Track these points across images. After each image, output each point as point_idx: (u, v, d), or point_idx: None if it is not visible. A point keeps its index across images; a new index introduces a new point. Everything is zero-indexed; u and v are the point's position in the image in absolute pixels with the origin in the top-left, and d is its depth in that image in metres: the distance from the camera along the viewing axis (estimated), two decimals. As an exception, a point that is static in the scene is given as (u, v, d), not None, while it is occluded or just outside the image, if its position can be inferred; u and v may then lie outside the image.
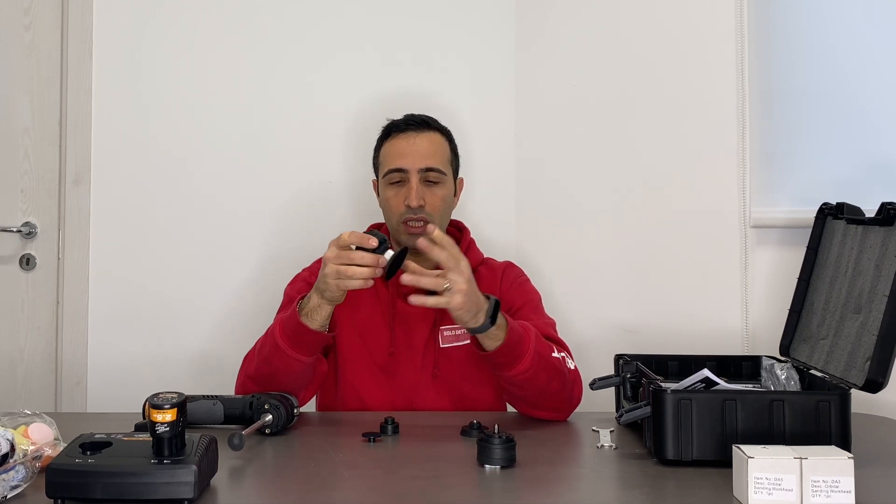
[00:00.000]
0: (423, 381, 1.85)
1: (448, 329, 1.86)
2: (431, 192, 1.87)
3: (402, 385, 1.85)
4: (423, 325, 1.87)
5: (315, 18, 2.49)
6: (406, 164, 1.87)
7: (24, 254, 2.45)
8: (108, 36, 2.44)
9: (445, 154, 1.92)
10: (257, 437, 1.54)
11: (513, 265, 1.99)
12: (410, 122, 1.93)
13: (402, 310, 1.87)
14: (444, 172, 1.89)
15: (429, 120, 1.95)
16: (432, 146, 1.90)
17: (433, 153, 1.89)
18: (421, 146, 1.89)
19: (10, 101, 2.45)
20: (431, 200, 1.86)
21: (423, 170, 1.86)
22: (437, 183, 1.88)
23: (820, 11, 2.18)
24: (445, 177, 1.89)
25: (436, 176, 1.88)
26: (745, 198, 2.20)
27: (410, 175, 1.86)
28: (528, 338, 1.64)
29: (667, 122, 2.31)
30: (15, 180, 2.45)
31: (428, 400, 1.84)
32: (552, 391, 1.68)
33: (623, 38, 2.38)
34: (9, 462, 1.21)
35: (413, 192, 1.84)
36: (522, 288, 1.93)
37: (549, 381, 1.67)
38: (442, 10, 2.51)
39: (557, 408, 1.72)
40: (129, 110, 2.45)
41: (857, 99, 2.14)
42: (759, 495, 1.17)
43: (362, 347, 1.86)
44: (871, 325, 1.53)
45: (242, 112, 2.47)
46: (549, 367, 1.66)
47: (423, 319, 1.86)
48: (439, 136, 1.93)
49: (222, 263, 2.43)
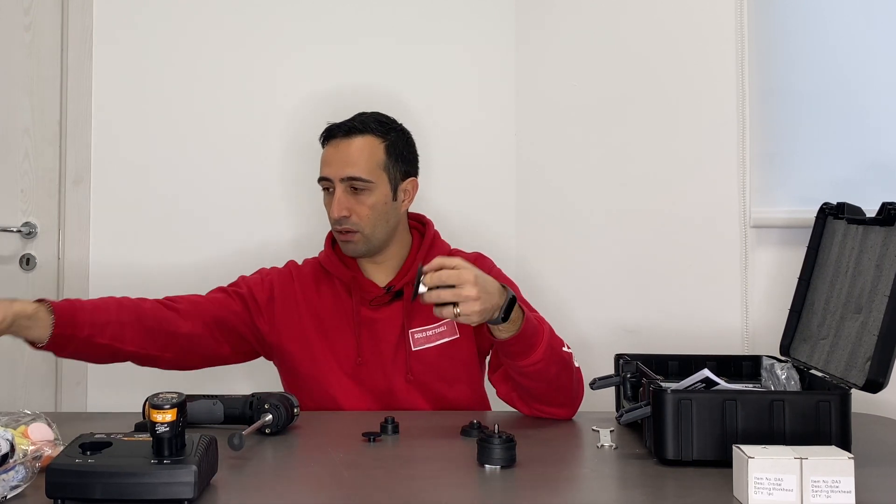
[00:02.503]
0: (397, 386, 1.82)
1: (419, 331, 1.83)
2: (358, 201, 1.80)
3: (375, 392, 1.83)
4: (391, 330, 1.83)
5: (314, 17, 2.49)
6: (329, 174, 1.82)
7: (24, 254, 2.45)
8: (108, 36, 2.44)
9: (375, 159, 1.82)
10: (257, 437, 1.54)
11: (483, 257, 1.93)
12: (338, 128, 1.85)
13: (367, 317, 1.84)
14: (370, 180, 1.80)
15: (358, 124, 1.85)
16: (357, 153, 1.81)
17: (356, 161, 1.81)
18: (343, 154, 1.81)
19: (10, 101, 2.45)
20: (358, 210, 1.80)
21: (346, 179, 1.80)
22: (363, 190, 1.81)
23: (820, 11, 2.18)
24: (372, 184, 1.80)
25: (361, 184, 1.80)
26: (745, 198, 2.20)
27: (334, 185, 1.81)
28: (542, 329, 1.63)
29: (667, 121, 2.31)
30: (15, 180, 2.45)
31: (404, 404, 1.81)
32: (561, 384, 1.67)
33: (623, 38, 2.38)
34: (9, 462, 1.21)
35: (335, 204, 1.80)
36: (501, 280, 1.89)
37: (559, 373, 1.65)
38: (442, 9, 2.51)
39: (564, 403, 1.71)
40: (129, 110, 2.45)
41: (857, 99, 2.14)
42: (759, 495, 1.17)
43: (330, 357, 1.84)
44: (872, 325, 1.53)
45: (243, 112, 2.47)
46: (560, 360, 1.65)
47: (391, 324, 1.84)
48: (372, 140, 1.83)
49: (222, 263, 2.42)
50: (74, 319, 1.67)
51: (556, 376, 1.66)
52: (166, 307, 1.79)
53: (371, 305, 1.85)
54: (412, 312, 1.84)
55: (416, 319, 1.84)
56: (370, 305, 1.85)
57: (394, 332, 1.83)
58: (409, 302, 1.84)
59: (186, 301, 1.82)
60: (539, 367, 1.62)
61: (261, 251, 2.43)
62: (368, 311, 1.85)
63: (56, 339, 1.65)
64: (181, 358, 1.81)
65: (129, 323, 1.73)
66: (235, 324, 1.84)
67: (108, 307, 1.74)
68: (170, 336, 1.77)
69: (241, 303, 1.85)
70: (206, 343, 1.81)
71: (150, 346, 1.76)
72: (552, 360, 1.63)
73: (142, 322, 1.75)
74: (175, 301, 1.82)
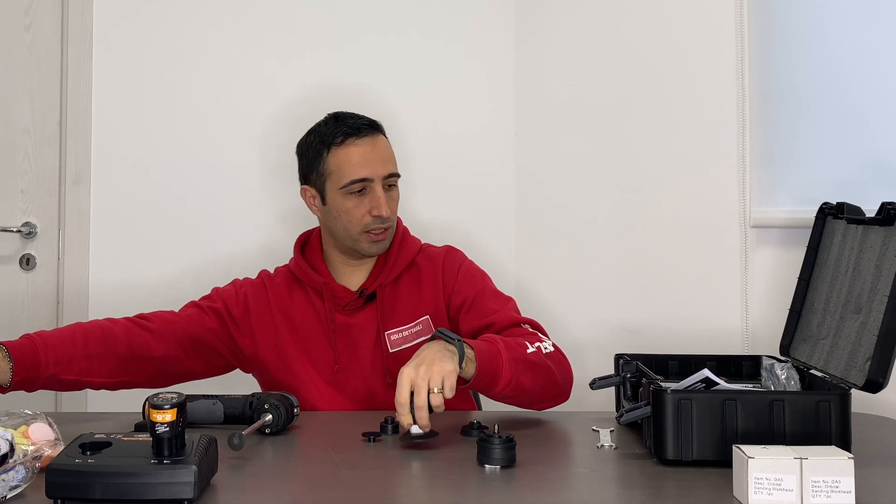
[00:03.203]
0: (377, 390, 1.82)
1: (394, 333, 1.82)
2: (391, 198, 1.82)
3: (355, 398, 1.82)
4: (367, 334, 1.82)
5: (315, 18, 2.49)
6: (370, 174, 1.78)
7: (24, 254, 2.45)
8: (108, 36, 2.44)
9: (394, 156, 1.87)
10: (257, 437, 1.54)
11: (452, 251, 1.91)
12: (363, 128, 1.82)
13: (342, 323, 1.83)
14: (399, 175, 1.84)
15: (374, 123, 1.86)
16: (388, 150, 1.84)
17: (390, 157, 1.83)
18: (381, 152, 1.81)
19: (10, 101, 2.45)
20: (392, 206, 1.82)
21: (388, 176, 1.81)
22: (393, 187, 1.83)
23: (820, 11, 2.18)
24: (399, 178, 1.85)
25: (394, 180, 1.83)
26: (745, 198, 2.20)
27: (375, 184, 1.79)
28: (497, 351, 1.58)
29: (667, 121, 2.31)
30: (15, 180, 2.45)
31: (386, 407, 1.79)
32: (542, 386, 1.66)
33: (623, 38, 2.38)
34: (8, 462, 1.21)
35: (383, 202, 1.78)
36: (469, 276, 1.86)
37: (534, 378, 1.63)
38: (441, 10, 2.51)
39: (555, 396, 1.71)
40: (129, 110, 2.45)
41: (857, 99, 2.14)
42: (759, 495, 1.17)
43: (308, 365, 1.83)
44: (872, 325, 1.53)
45: (244, 112, 2.47)
46: (528, 366, 1.62)
47: (366, 328, 1.82)
48: (385, 139, 1.86)
49: (223, 263, 2.42)
50: (36, 360, 1.66)
51: (532, 383, 1.63)
52: (139, 327, 1.78)
53: (345, 311, 1.83)
54: (387, 314, 1.83)
55: (390, 321, 1.83)
56: (344, 311, 1.83)
57: (370, 335, 1.82)
58: (383, 304, 1.83)
59: (159, 319, 1.81)
60: (513, 386, 1.60)
61: (265, 248, 2.43)
62: (343, 316, 1.83)
63: (18, 383, 1.65)
64: (154, 379, 1.81)
65: (98, 355, 1.73)
66: (211, 340, 1.83)
67: (74, 340, 1.72)
68: (143, 360, 1.77)
69: (217, 319, 1.84)
70: (179, 363, 1.81)
71: (121, 374, 1.76)
72: (520, 372, 1.60)
73: (112, 350, 1.74)
74: (148, 320, 1.80)
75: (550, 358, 1.68)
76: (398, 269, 1.85)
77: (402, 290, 1.85)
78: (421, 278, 1.85)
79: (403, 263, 1.86)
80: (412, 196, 2.41)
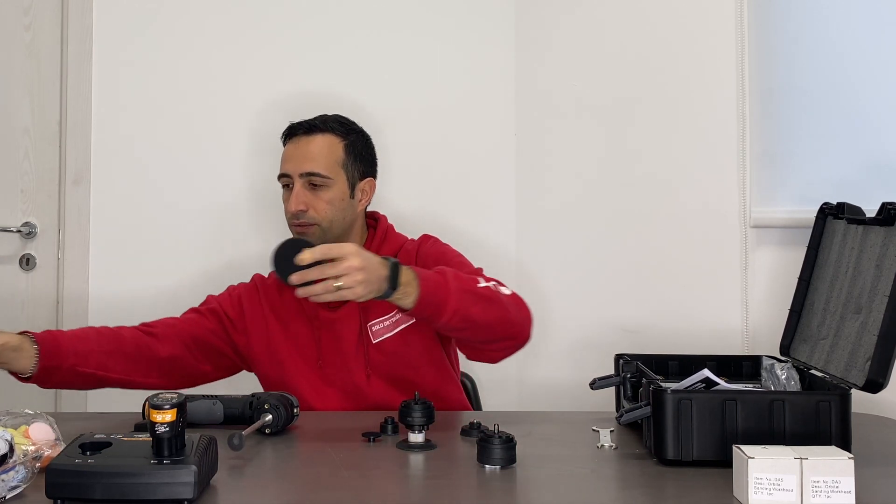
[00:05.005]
0: (359, 381, 1.84)
1: (376, 323, 1.85)
2: (316, 196, 1.84)
3: (344, 390, 1.84)
4: (350, 328, 1.85)
5: (313, 16, 2.49)
6: (289, 169, 1.86)
7: (24, 254, 2.45)
8: (108, 36, 2.44)
9: (333, 157, 1.87)
10: (257, 437, 1.54)
11: (427, 237, 1.94)
12: (299, 126, 1.90)
13: (325, 318, 1.86)
14: (328, 176, 1.84)
15: (319, 123, 1.89)
16: (316, 150, 1.86)
17: (316, 157, 1.86)
18: (302, 150, 1.86)
19: (10, 101, 2.45)
20: (315, 204, 1.84)
21: (305, 174, 1.84)
22: (320, 186, 1.85)
23: (820, 11, 2.18)
24: (330, 180, 1.84)
25: (319, 180, 1.84)
26: (745, 198, 2.20)
27: (293, 180, 1.85)
28: (444, 280, 1.60)
29: (667, 121, 2.31)
30: (15, 180, 2.45)
31: (373, 397, 1.83)
32: (493, 320, 1.64)
33: (623, 38, 2.38)
34: (8, 462, 1.21)
35: (293, 198, 1.84)
36: (437, 251, 1.89)
37: (485, 310, 1.62)
38: (441, 10, 2.51)
39: (511, 335, 1.69)
40: (129, 110, 2.45)
41: (857, 99, 2.14)
42: (760, 496, 1.17)
43: (299, 361, 1.87)
44: (872, 325, 1.53)
45: (244, 112, 2.47)
46: (479, 298, 1.62)
47: (349, 322, 1.85)
48: (329, 139, 1.88)
49: (223, 263, 2.43)
50: (58, 349, 1.69)
51: (482, 314, 1.62)
52: (144, 333, 1.82)
53: (329, 307, 1.86)
54: (368, 307, 1.85)
55: (372, 312, 1.85)
56: (328, 307, 1.86)
57: (353, 328, 1.85)
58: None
59: (162, 325, 1.86)
60: (461, 316, 1.59)
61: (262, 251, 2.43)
62: (327, 312, 1.86)
63: (42, 370, 1.68)
64: (165, 381, 1.83)
65: (111, 352, 1.76)
66: (213, 341, 1.87)
67: (88, 337, 1.76)
68: (151, 361, 1.80)
69: (216, 320, 1.89)
70: (187, 363, 1.84)
71: (133, 373, 1.79)
72: (469, 303, 1.60)
73: (123, 350, 1.77)
74: (151, 326, 1.85)
75: (505, 296, 1.67)
76: None
77: None
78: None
79: None
80: (412, 196, 2.42)
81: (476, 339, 1.70)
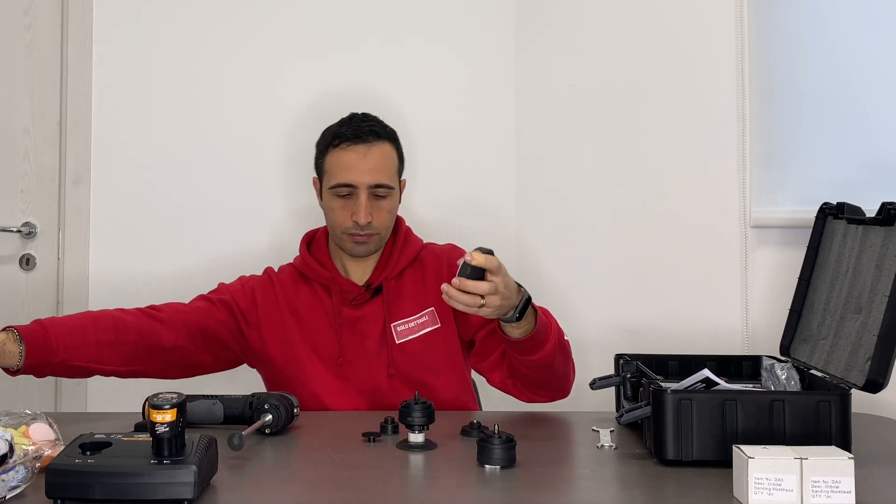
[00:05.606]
0: (380, 381, 1.83)
1: (401, 324, 1.85)
2: (379, 207, 1.83)
3: (361, 390, 1.83)
4: (374, 327, 1.85)
5: (313, 16, 2.49)
6: (355, 180, 1.81)
7: (24, 254, 2.45)
8: (108, 36, 2.44)
9: (394, 166, 1.87)
10: (257, 437, 1.54)
11: (456, 248, 1.94)
12: (361, 134, 1.84)
13: (348, 316, 1.85)
14: (392, 186, 1.84)
15: (378, 129, 1.87)
16: (382, 160, 1.84)
17: (382, 168, 1.83)
18: (371, 161, 1.82)
19: (10, 101, 2.45)
20: (379, 215, 1.83)
21: (373, 186, 1.82)
22: (384, 197, 1.84)
23: (820, 11, 2.18)
24: (393, 190, 1.85)
25: (384, 191, 1.83)
26: (745, 198, 2.20)
27: (359, 191, 1.81)
28: (550, 324, 1.68)
29: (667, 121, 2.31)
30: (15, 180, 2.45)
31: (391, 398, 1.81)
32: (562, 372, 1.75)
33: (622, 38, 2.38)
34: (8, 462, 1.21)
35: (362, 210, 1.80)
36: None
37: (564, 363, 1.73)
38: (441, 10, 2.51)
39: (560, 388, 1.78)
40: (129, 110, 2.45)
41: (857, 99, 2.14)
42: (760, 496, 1.17)
43: (314, 358, 1.84)
44: (872, 325, 1.53)
45: (244, 112, 2.47)
46: (563, 350, 1.73)
47: (373, 320, 1.85)
48: (388, 147, 1.87)
49: (223, 264, 2.42)
50: (46, 346, 1.68)
51: (561, 366, 1.73)
52: (150, 317, 1.80)
53: (352, 304, 1.86)
54: (393, 306, 1.85)
55: (397, 313, 1.85)
56: (351, 304, 1.86)
57: (377, 327, 1.85)
58: (389, 297, 1.86)
59: (170, 310, 1.83)
60: (549, 360, 1.67)
61: (263, 250, 2.43)
62: (350, 310, 1.85)
63: (28, 367, 1.66)
64: (164, 370, 1.82)
65: (108, 343, 1.74)
66: (220, 332, 1.84)
67: (84, 328, 1.74)
68: (154, 349, 1.78)
69: (227, 311, 1.86)
70: (189, 353, 1.82)
71: (131, 362, 1.77)
72: (558, 351, 1.69)
73: (123, 339, 1.75)
74: (158, 310, 1.82)
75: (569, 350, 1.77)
76: (402, 264, 1.88)
77: (407, 284, 1.88)
78: (425, 272, 1.89)
79: (407, 259, 1.89)
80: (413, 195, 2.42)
81: (539, 382, 1.76)
